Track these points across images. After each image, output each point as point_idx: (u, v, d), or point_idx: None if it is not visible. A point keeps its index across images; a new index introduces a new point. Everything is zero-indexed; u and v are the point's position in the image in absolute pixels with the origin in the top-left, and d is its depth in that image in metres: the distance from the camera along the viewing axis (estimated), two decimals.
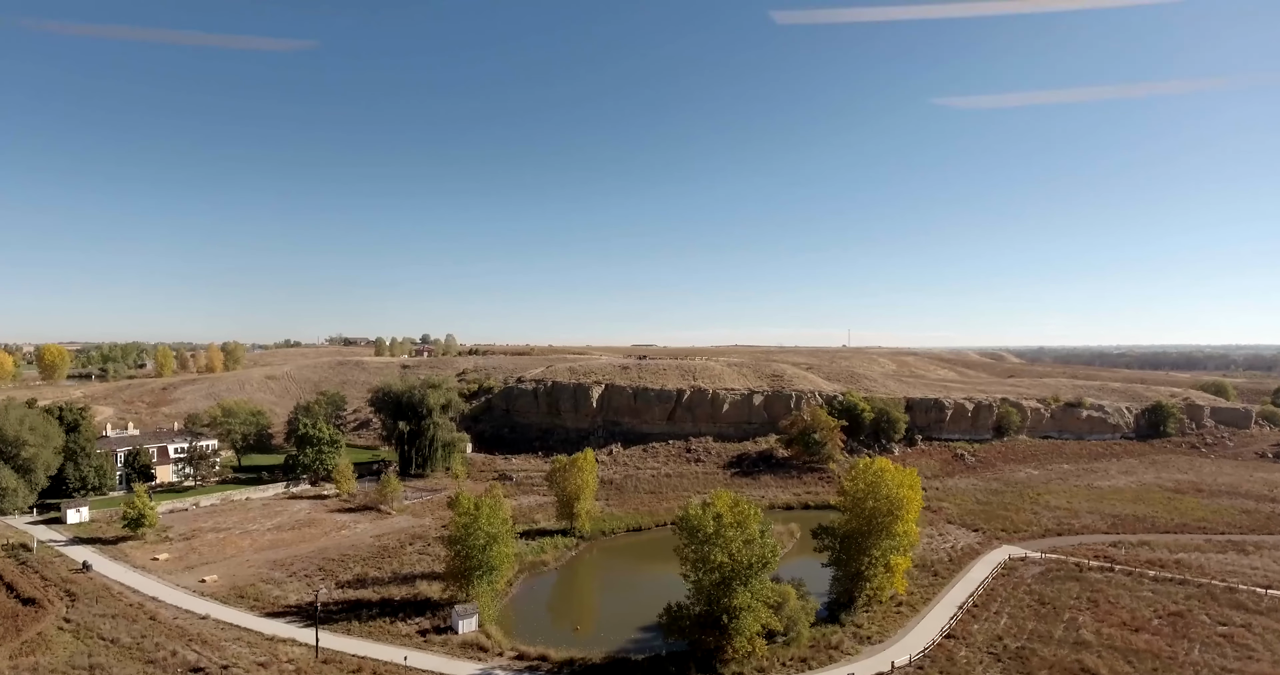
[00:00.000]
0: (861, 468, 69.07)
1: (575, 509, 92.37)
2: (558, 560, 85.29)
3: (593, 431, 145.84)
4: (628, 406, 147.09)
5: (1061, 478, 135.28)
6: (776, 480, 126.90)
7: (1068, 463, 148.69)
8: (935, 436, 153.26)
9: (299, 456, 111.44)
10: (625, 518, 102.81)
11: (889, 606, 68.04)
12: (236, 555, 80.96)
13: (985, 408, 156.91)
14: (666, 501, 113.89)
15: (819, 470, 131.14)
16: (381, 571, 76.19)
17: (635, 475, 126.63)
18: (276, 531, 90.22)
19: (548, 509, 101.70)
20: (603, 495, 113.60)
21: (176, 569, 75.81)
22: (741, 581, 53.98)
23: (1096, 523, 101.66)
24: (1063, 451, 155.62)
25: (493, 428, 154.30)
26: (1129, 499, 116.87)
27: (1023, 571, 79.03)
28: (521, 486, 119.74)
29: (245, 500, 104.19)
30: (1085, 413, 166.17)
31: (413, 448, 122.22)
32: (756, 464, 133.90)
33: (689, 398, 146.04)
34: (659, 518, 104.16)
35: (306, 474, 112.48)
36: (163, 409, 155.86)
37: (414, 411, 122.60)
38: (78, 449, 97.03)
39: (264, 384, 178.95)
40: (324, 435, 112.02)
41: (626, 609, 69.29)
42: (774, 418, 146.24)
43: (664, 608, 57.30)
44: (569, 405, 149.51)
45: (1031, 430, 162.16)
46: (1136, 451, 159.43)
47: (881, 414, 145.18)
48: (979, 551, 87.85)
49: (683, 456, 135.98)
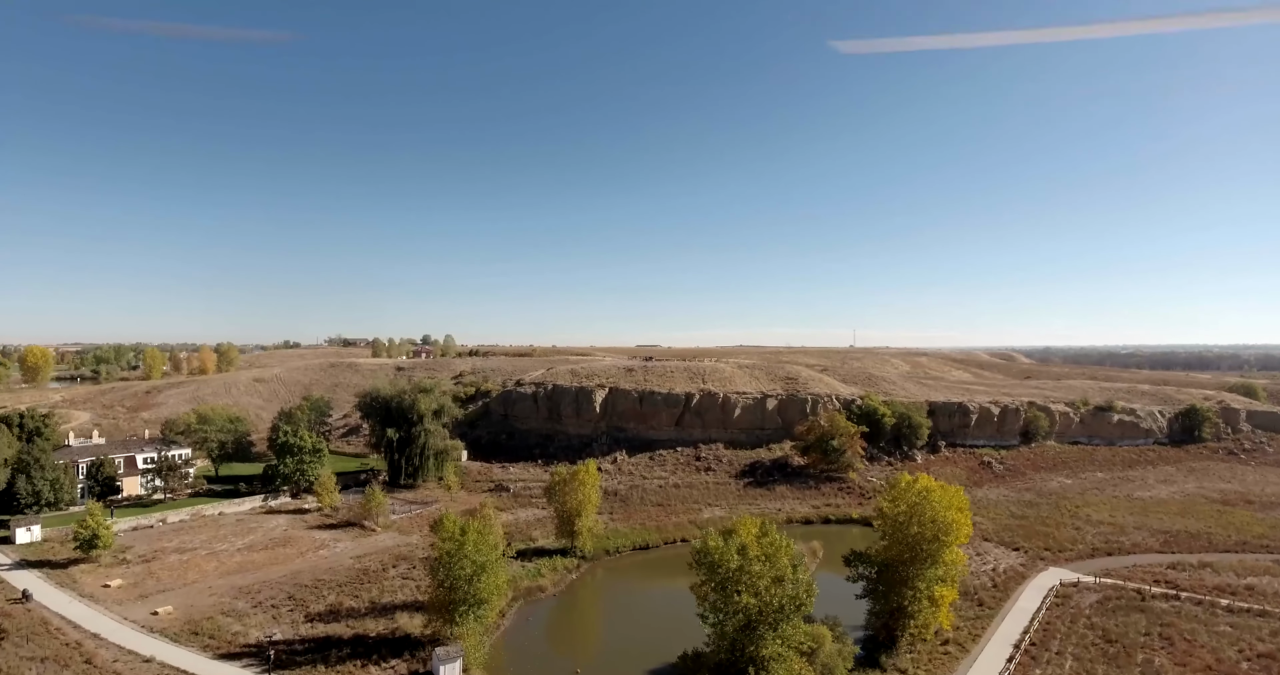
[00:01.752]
0: (904, 487, 60.52)
1: (576, 526, 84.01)
2: (557, 585, 76.89)
3: (596, 438, 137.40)
4: (633, 411, 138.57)
5: (1097, 487, 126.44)
6: (793, 491, 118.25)
7: (1101, 470, 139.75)
8: (959, 443, 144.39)
9: (278, 467, 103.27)
10: (631, 534, 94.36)
11: (934, 645, 59.56)
12: (198, 581, 72.70)
13: (1012, 412, 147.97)
14: (675, 515, 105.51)
15: (838, 480, 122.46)
16: (358, 600, 67.89)
17: (641, 486, 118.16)
18: (247, 552, 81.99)
19: (546, 524, 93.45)
20: (606, 508, 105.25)
21: (129, 598, 67.59)
22: (770, 626, 45.64)
23: (1147, 540, 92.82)
24: (1094, 458, 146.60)
25: (490, 434, 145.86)
26: (1175, 512, 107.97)
27: (1078, 600, 70.27)
28: (519, 498, 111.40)
29: (218, 515, 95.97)
30: (1116, 417, 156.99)
31: (402, 456, 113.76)
32: (771, 473, 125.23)
33: (698, 402, 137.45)
34: (667, 533, 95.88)
35: (286, 486, 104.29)
36: (143, 414, 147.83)
37: (404, 417, 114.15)
38: (31, 460, 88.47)
39: (251, 387, 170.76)
40: (305, 444, 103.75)
41: (634, 644, 61.06)
42: (788, 423, 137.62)
43: (679, 655, 48.98)
44: (570, 410, 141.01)
45: (1060, 435, 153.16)
46: (1172, 458, 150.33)
47: (903, 419, 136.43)
48: (1024, 574, 79.17)
49: (692, 465, 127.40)
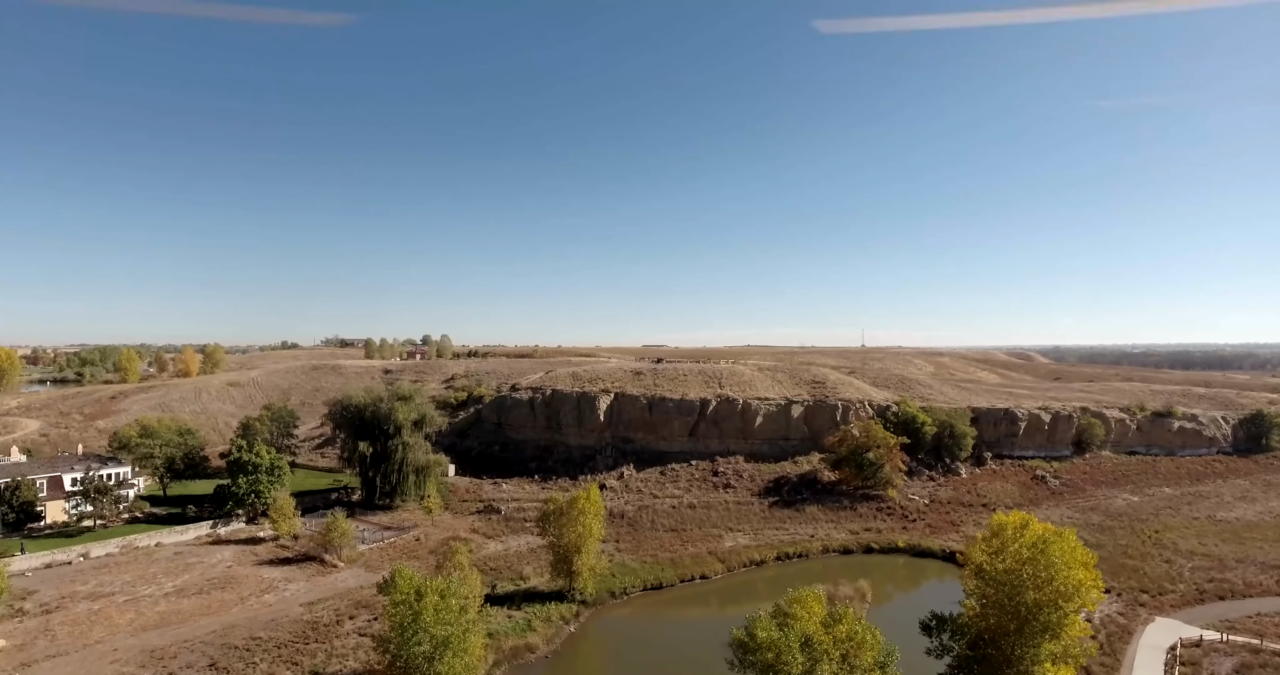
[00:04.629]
0: (1010, 534, 45.61)
1: (574, 565, 69.31)
2: (550, 642, 62.11)
3: (600, 450, 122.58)
4: (642, 419, 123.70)
5: (1170, 506, 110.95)
6: (825, 512, 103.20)
7: (1167, 485, 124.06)
8: (1006, 454, 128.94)
9: (230, 487, 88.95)
10: (640, 570, 79.48)
11: None
12: (104, 639, 58.26)
13: (1064, 419, 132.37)
14: (692, 543, 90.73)
15: (875, 498, 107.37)
16: (297, 669, 53.35)
17: (652, 506, 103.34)
18: (176, 597, 67.51)
19: (541, 556, 78.58)
20: (611, 533, 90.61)
21: (6, 667, 53.21)
22: None
23: (1258, 576, 77.53)
24: (1157, 471, 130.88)
25: (481, 445, 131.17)
26: (1275, 538, 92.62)
27: (1212, 669, 55.20)
28: (511, 522, 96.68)
29: (154, 547, 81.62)
30: (1177, 424, 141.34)
31: (377, 473, 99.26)
32: (798, 490, 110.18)
33: (715, 409, 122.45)
34: (684, 568, 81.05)
35: (240, 510, 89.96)
36: (99, 422, 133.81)
37: (379, 429, 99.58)
38: None
39: (224, 392, 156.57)
40: (262, 461, 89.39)
41: None
42: (816, 433, 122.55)
43: None
44: (571, 418, 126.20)
45: (1115, 445, 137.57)
46: (1241, 470, 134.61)
47: (945, 428, 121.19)
48: (1127, 627, 64.16)
49: (709, 481, 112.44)
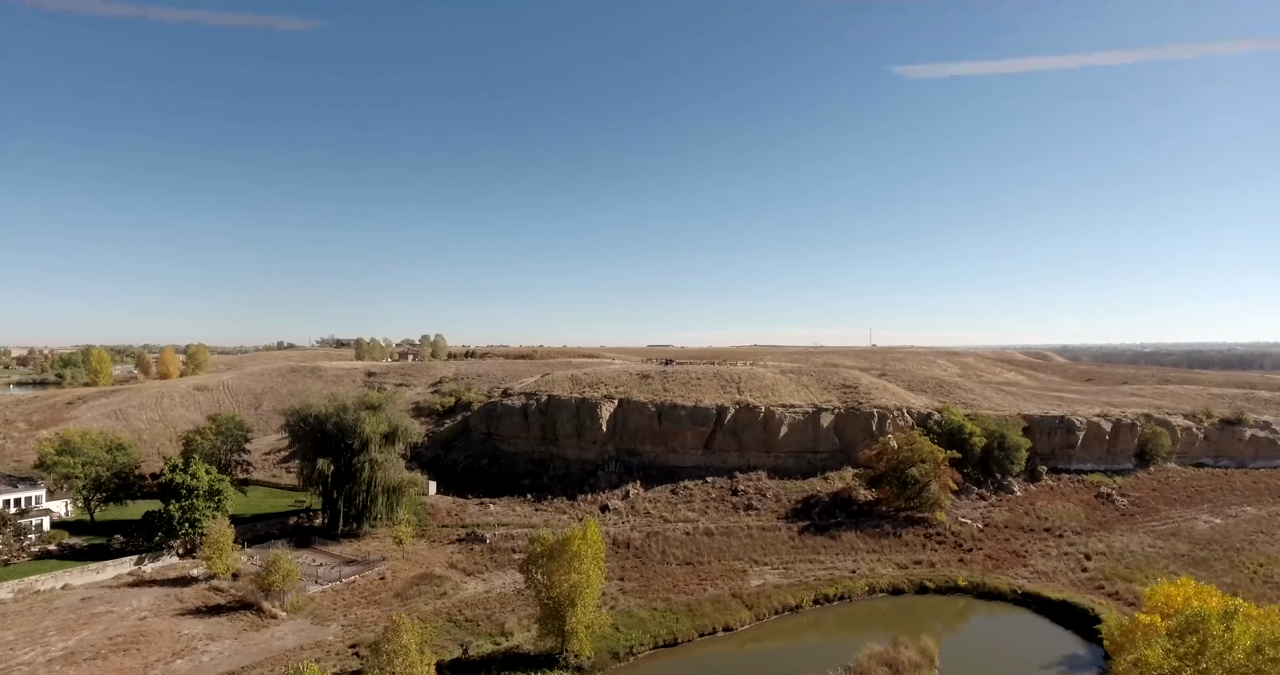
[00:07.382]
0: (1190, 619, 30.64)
1: (568, 623, 54.78)
2: None
3: (602, 464, 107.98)
4: (650, 430, 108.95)
5: (1263, 531, 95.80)
6: (865, 539, 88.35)
7: (1248, 504, 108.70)
8: (1062, 467, 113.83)
9: (162, 514, 74.71)
10: (650, 621, 64.69)
11: None
12: None
13: (1125, 427, 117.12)
14: (711, 580, 75.94)
15: (921, 522, 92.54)
16: None
17: (662, 532, 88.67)
18: (61, 666, 53.15)
19: (531, 601, 63.40)
20: (615, 567, 76.10)
21: None
22: None
23: None
24: (1232, 487, 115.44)
25: (468, 458, 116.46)
26: None
27: None
28: (496, 555, 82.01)
29: (59, 590, 67.31)
30: (1249, 432, 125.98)
31: (341, 495, 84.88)
32: (831, 512, 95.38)
33: (733, 417, 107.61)
34: (703, 618, 66.02)
35: (173, 541, 75.71)
36: (42, 432, 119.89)
37: (343, 443, 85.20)
38: None
39: (189, 397, 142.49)
40: (199, 483, 75.12)
41: None
42: (848, 444, 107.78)
43: None
44: (570, 428, 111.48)
45: (1180, 456, 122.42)
46: None
47: (994, 439, 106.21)
48: None
49: (728, 501, 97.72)
